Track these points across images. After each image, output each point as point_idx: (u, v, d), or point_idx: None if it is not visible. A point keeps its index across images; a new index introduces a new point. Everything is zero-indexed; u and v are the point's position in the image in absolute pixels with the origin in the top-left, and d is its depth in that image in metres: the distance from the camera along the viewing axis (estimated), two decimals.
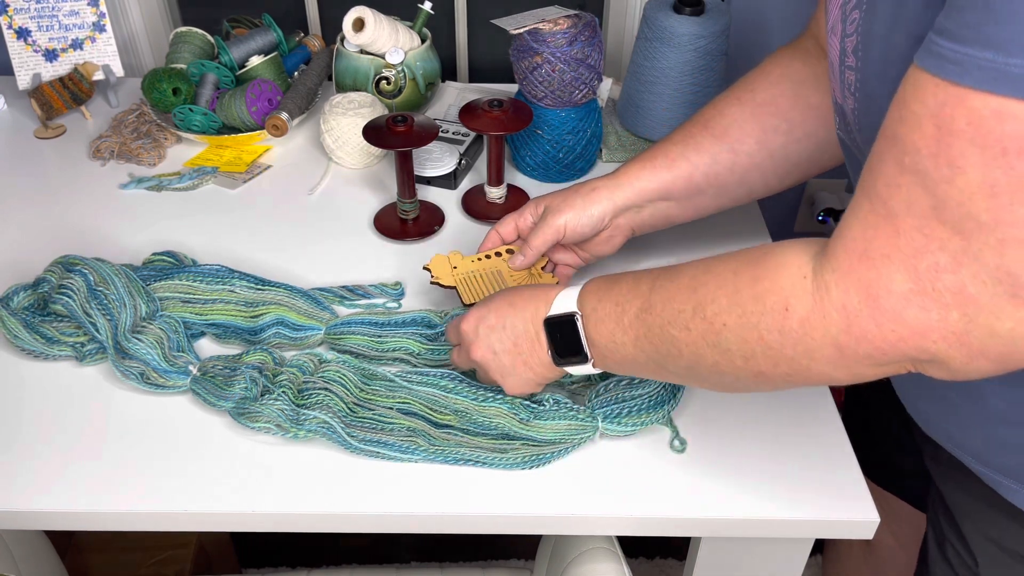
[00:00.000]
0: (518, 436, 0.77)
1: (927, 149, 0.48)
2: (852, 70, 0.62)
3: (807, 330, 0.56)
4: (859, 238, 0.53)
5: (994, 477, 0.71)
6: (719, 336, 0.61)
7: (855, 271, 0.53)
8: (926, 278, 0.50)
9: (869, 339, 0.53)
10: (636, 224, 0.89)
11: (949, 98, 0.47)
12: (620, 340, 0.68)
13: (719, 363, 0.62)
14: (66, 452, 0.78)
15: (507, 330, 0.74)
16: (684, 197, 0.87)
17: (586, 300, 0.71)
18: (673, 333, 0.64)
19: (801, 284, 0.56)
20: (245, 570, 1.58)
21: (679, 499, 0.74)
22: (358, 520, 0.74)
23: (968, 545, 0.77)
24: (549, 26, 1.03)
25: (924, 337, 0.52)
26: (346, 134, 1.12)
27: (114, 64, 1.26)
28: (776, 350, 0.58)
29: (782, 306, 0.57)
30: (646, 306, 0.66)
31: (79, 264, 0.89)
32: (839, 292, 0.54)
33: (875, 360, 0.54)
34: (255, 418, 0.78)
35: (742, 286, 0.60)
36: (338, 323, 0.88)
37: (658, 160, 0.86)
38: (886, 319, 0.52)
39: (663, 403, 0.78)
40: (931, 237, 0.49)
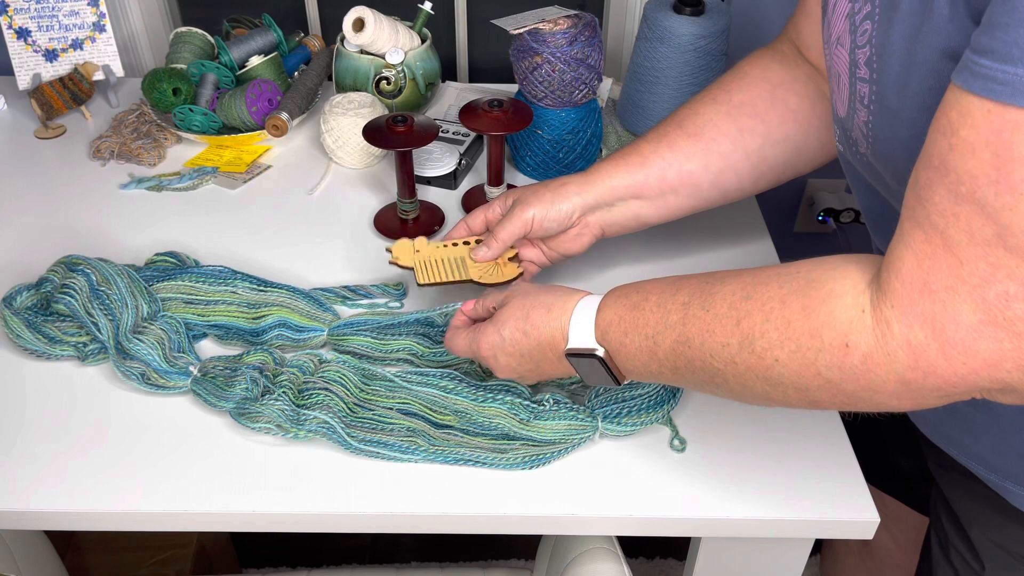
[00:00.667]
0: (518, 436, 0.77)
1: (985, 177, 0.47)
2: (866, 82, 0.60)
3: (870, 367, 0.53)
4: (916, 270, 0.51)
5: (1001, 483, 0.71)
6: (770, 371, 0.58)
7: (917, 305, 0.51)
8: (996, 308, 0.48)
9: (938, 373, 0.51)
10: (606, 223, 0.86)
11: (1005, 124, 0.45)
12: (656, 371, 0.66)
13: (769, 393, 0.60)
14: (66, 452, 0.78)
15: (526, 358, 0.72)
16: (656, 196, 0.84)
17: (609, 333, 0.67)
18: (716, 366, 0.61)
19: (860, 319, 0.54)
20: (245, 570, 1.59)
21: (679, 499, 0.74)
22: (358, 520, 0.74)
23: (975, 550, 0.77)
24: (549, 26, 1.03)
25: (998, 368, 0.50)
26: (346, 134, 1.12)
27: (114, 64, 1.26)
28: (835, 384, 0.56)
29: (841, 343, 0.54)
30: (682, 339, 0.62)
31: (82, 264, 0.89)
32: (902, 328, 0.52)
33: (944, 392, 0.53)
34: (255, 418, 0.78)
35: (793, 319, 0.56)
36: (341, 324, 0.87)
37: (631, 158, 0.84)
38: (956, 352, 0.50)
39: (663, 403, 0.78)
40: (997, 266, 0.48)
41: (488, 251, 0.86)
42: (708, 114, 0.83)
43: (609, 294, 0.69)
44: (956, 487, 0.79)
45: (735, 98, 0.83)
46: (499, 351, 0.72)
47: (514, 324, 0.72)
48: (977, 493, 0.74)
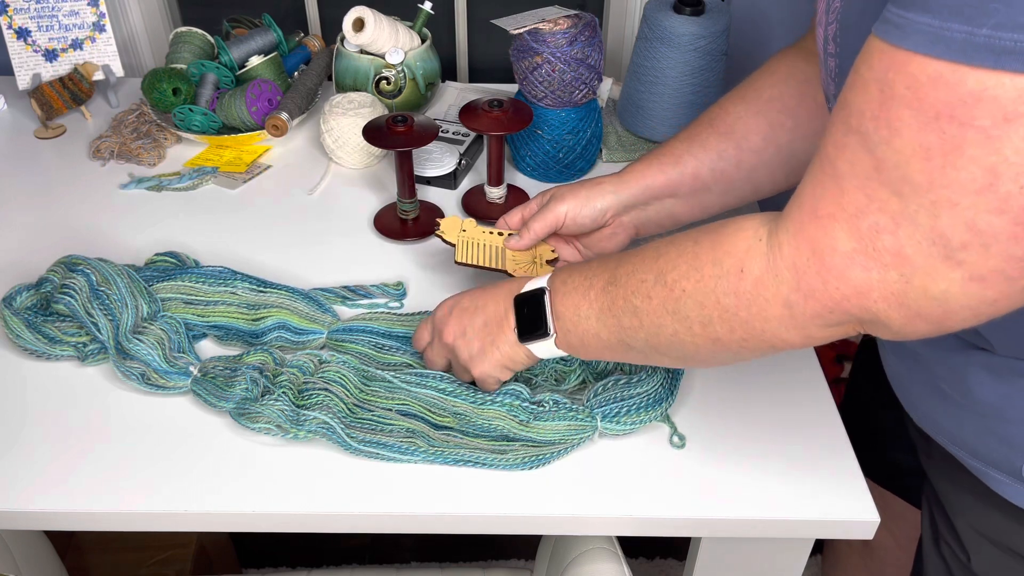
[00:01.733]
0: (518, 438, 0.77)
1: (870, 111, 0.50)
2: (833, 56, 0.63)
3: (760, 290, 0.57)
4: (809, 197, 0.55)
5: (983, 469, 0.71)
6: (678, 302, 0.62)
7: (805, 229, 0.55)
8: (867, 238, 0.51)
9: (816, 297, 0.55)
10: (641, 223, 0.89)
11: (893, 63, 0.48)
12: (585, 313, 0.70)
13: (678, 332, 0.63)
14: (66, 452, 0.78)
15: (478, 311, 0.76)
16: (690, 194, 0.86)
17: (557, 276, 0.73)
18: (635, 303, 0.65)
19: (756, 246, 0.58)
20: (245, 570, 1.59)
21: (679, 499, 0.74)
22: (358, 520, 0.74)
23: (960, 539, 0.77)
24: (549, 26, 1.03)
25: (866, 296, 0.53)
26: (346, 134, 1.12)
27: (114, 64, 1.26)
28: (731, 313, 0.59)
29: (737, 268, 0.58)
30: (612, 279, 0.68)
31: (82, 264, 0.89)
32: (790, 250, 0.55)
33: (824, 320, 0.56)
34: (255, 418, 0.78)
35: (701, 252, 0.62)
36: (340, 328, 0.87)
37: (664, 158, 0.86)
38: (831, 277, 0.53)
39: (660, 401, 0.79)
40: (872, 198, 0.51)
41: (520, 241, 0.89)
42: (738, 112, 0.85)
43: None
44: (944, 477, 0.79)
45: (764, 95, 0.85)
46: (455, 306, 0.78)
47: (478, 287, 0.79)
48: (963, 482, 0.75)
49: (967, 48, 0.45)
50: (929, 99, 0.47)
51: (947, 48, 0.45)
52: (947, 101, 0.46)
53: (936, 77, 0.46)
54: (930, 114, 0.47)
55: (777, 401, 0.82)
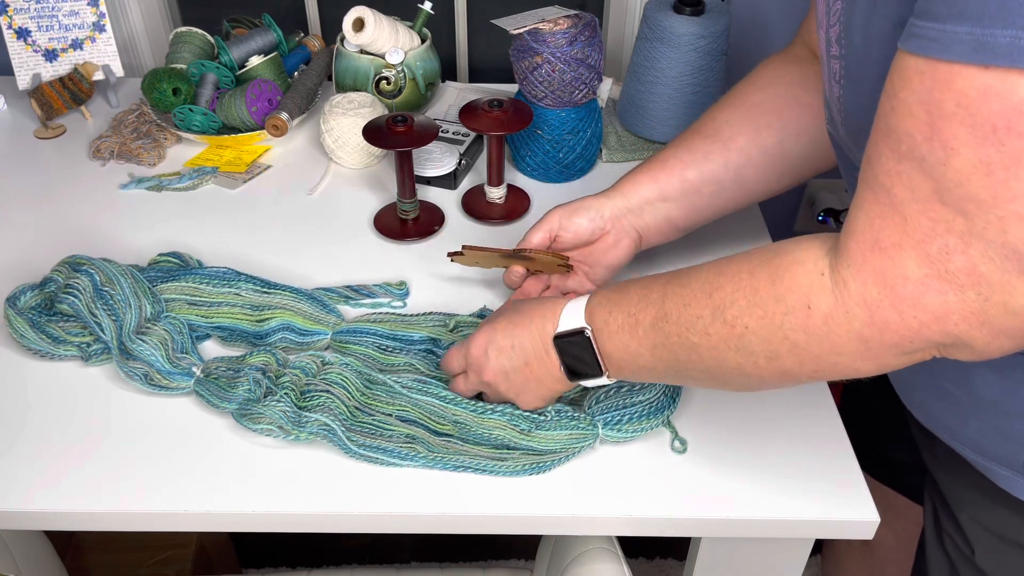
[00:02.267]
0: (518, 447, 0.77)
1: (921, 135, 0.49)
2: (837, 59, 0.63)
3: (831, 327, 0.56)
4: (867, 230, 0.54)
5: (987, 465, 0.72)
6: (741, 339, 0.61)
7: (869, 263, 0.53)
8: (938, 261, 0.51)
9: (893, 328, 0.53)
10: (641, 227, 0.88)
11: (936, 83, 0.48)
12: (636, 351, 0.68)
13: (742, 365, 0.62)
14: (67, 452, 0.78)
15: (516, 350, 0.74)
16: (681, 197, 0.86)
17: (595, 314, 0.70)
18: (692, 340, 0.63)
19: (819, 281, 0.56)
20: (245, 570, 1.59)
21: (679, 499, 0.74)
22: (358, 520, 0.74)
23: (964, 533, 0.78)
24: (549, 26, 1.03)
25: (945, 320, 0.52)
26: (346, 134, 1.12)
27: (114, 64, 1.26)
28: (802, 348, 0.58)
29: (804, 304, 0.57)
30: (661, 315, 0.65)
31: (86, 264, 0.89)
32: (857, 285, 0.54)
33: (901, 349, 0.55)
34: (257, 419, 0.78)
35: (760, 286, 0.60)
36: (344, 330, 0.87)
37: (652, 164, 0.87)
38: (906, 306, 0.52)
39: (662, 409, 0.78)
40: (937, 220, 0.50)
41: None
42: (724, 116, 0.86)
43: (598, 289, 0.74)
44: (947, 473, 0.79)
45: (750, 100, 0.85)
46: (491, 345, 0.75)
47: (507, 319, 0.75)
48: (967, 478, 0.75)
49: (1013, 52, 0.44)
50: (983, 113, 0.46)
51: (993, 54, 0.45)
52: (1001, 112, 0.45)
53: (986, 90, 0.46)
54: (986, 128, 0.46)
55: (777, 401, 0.82)
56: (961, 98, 0.47)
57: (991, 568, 0.76)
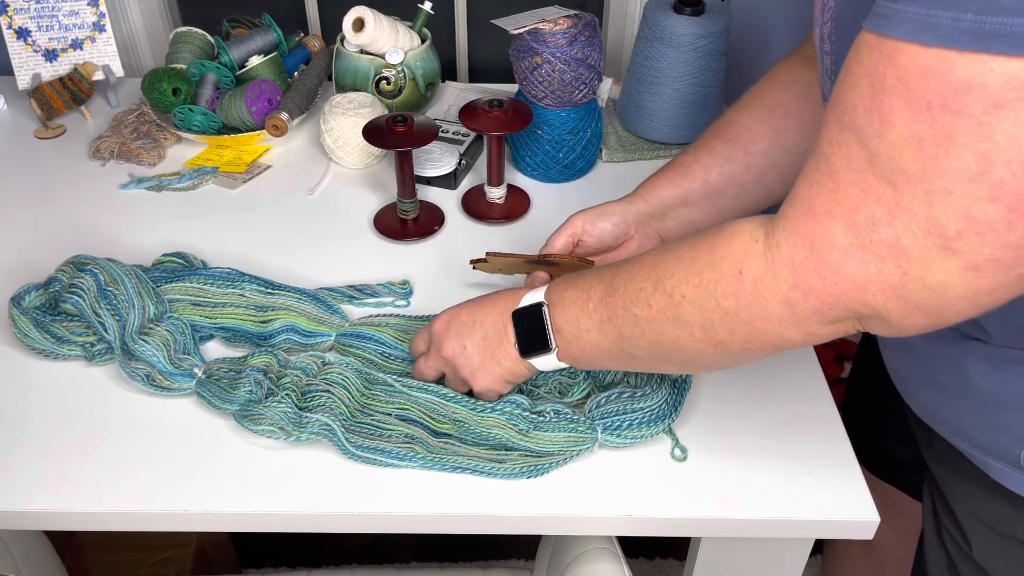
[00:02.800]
0: (517, 447, 0.77)
1: (863, 106, 0.50)
2: (828, 54, 0.64)
3: (760, 290, 0.57)
4: (806, 195, 0.55)
5: (983, 459, 0.72)
6: (679, 308, 0.62)
7: (802, 227, 0.55)
8: (864, 231, 0.52)
9: (816, 293, 0.55)
10: (663, 231, 0.89)
11: (882, 56, 0.49)
12: (585, 326, 0.70)
13: (679, 338, 0.64)
14: (68, 452, 0.78)
15: (477, 326, 0.76)
16: (704, 201, 0.87)
17: (553, 290, 0.73)
18: (635, 312, 0.65)
19: (754, 247, 0.58)
20: (245, 570, 1.59)
21: (679, 499, 0.74)
22: (358, 520, 0.74)
23: (962, 528, 0.78)
24: (549, 26, 1.03)
25: (864, 290, 0.53)
26: (346, 134, 1.12)
27: (114, 64, 1.26)
28: (732, 315, 0.60)
29: (736, 269, 0.59)
30: (609, 289, 0.68)
31: (90, 264, 0.89)
32: (788, 248, 0.56)
33: (824, 316, 0.56)
34: (258, 420, 0.78)
35: (698, 256, 0.62)
36: (348, 333, 0.87)
37: (672, 170, 0.88)
38: (829, 272, 0.54)
39: (664, 416, 0.78)
40: (867, 191, 0.51)
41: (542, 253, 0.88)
42: (742, 120, 0.86)
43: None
44: (944, 467, 0.80)
45: (767, 102, 0.86)
46: (453, 320, 0.77)
47: (475, 300, 0.78)
48: (963, 472, 0.75)
49: (953, 33, 0.45)
50: (920, 89, 0.47)
51: (934, 34, 0.46)
52: (937, 90, 0.46)
53: (926, 67, 0.47)
54: (921, 104, 0.47)
55: (777, 401, 0.82)
56: (901, 73, 0.48)
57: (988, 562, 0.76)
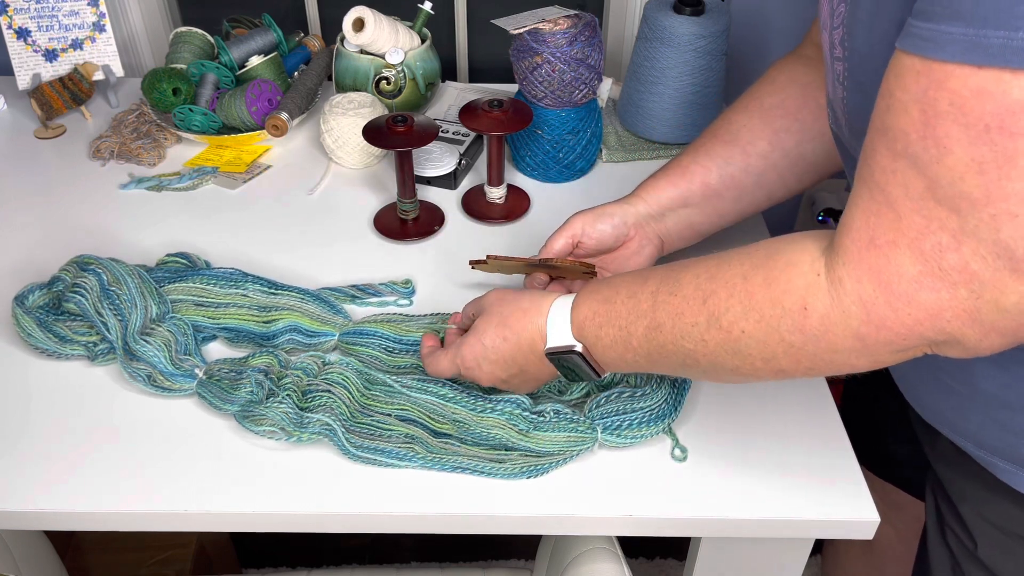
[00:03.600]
0: (516, 447, 0.77)
1: (915, 133, 0.50)
2: (840, 60, 0.63)
3: (828, 326, 0.56)
4: (863, 227, 0.54)
5: (989, 459, 0.72)
6: (738, 343, 0.61)
7: (865, 260, 0.54)
8: (932, 258, 0.51)
9: (888, 326, 0.54)
10: (663, 233, 0.89)
11: (931, 82, 0.48)
12: (632, 360, 0.68)
13: (739, 367, 0.62)
14: (68, 452, 0.78)
15: (509, 363, 0.74)
16: (703, 202, 0.87)
17: (585, 328, 0.70)
18: (688, 347, 0.64)
19: (816, 282, 0.56)
20: (245, 570, 1.59)
21: (679, 499, 0.74)
22: (358, 520, 0.74)
23: (967, 527, 0.78)
24: (549, 26, 1.03)
25: (938, 317, 0.52)
26: (346, 134, 1.12)
27: (114, 64, 1.26)
28: (798, 348, 0.58)
29: (800, 306, 0.57)
30: (654, 325, 0.65)
31: (93, 264, 0.89)
32: (853, 283, 0.54)
33: (896, 346, 0.55)
34: (259, 421, 0.78)
35: (755, 290, 0.59)
36: (351, 332, 0.87)
37: (671, 171, 0.87)
38: (901, 304, 0.53)
39: (664, 416, 0.78)
40: (930, 218, 0.50)
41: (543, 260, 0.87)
42: (741, 120, 0.86)
43: (582, 291, 0.72)
44: (949, 467, 0.80)
45: (766, 103, 0.86)
46: (482, 359, 0.75)
47: (494, 332, 0.74)
48: (969, 471, 0.75)
49: (1006, 53, 0.44)
50: (976, 112, 0.46)
51: (986, 55, 0.45)
52: (995, 112, 0.46)
53: (979, 90, 0.46)
54: (979, 128, 0.47)
55: (777, 401, 0.82)
56: (955, 97, 0.47)
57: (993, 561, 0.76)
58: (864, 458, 0.77)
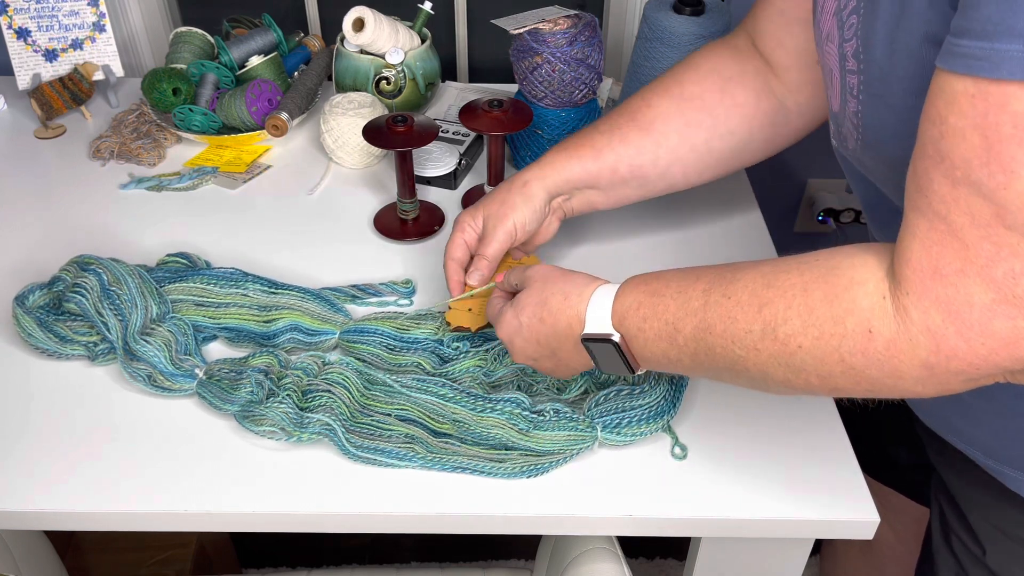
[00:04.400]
0: (516, 447, 0.77)
1: (977, 160, 0.48)
2: (854, 73, 0.62)
3: (893, 353, 0.54)
4: (925, 257, 0.52)
5: (1000, 468, 0.71)
6: (793, 357, 0.58)
7: (931, 291, 0.51)
8: (1005, 286, 0.49)
9: (960, 356, 0.52)
10: (567, 209, 0.90)
11: (989, 105, 0.46)
12: (676, 358, 0.66)
13: (791, 380, 0.60)
14: (68, 452, 0.78)
15: (542, 344, 0.73)
16: (608, 186, 0.88)
17: (627, 318, 0.67)
18: (738, 352, 0.61)
19: (882, 306, 0.54)
20: (245, 570, 1.59)
21: (679, 499, 0.74)
22: (358, 520, 0.74)
23: (975, 534, 0.78)
24: (549, 26, 1.03)
25: (1016, 346, 0.50)
26: (346, 134, 1.12)
27: (114, 64, 1.26)
28: (859, 371, 0.56)
29: (864, 329, 0.55)
30: (704, 326, 0.63)
31: (94, 264, 0.89)
32: (919, 314, 0.52)
33: (968, 375, 0.53)
34: (260, 421, 0.78)
35: (815, 306, 0.57)
36: (351, 330, 0.87)
37: (584, 150, 0.87)
38: (974, 334, 0.51)
39: (663, 413, 0.78)
40: (1001, 245, 0.48)
41: (482, 274, 0.86)
42: (660, 106, 0.86)
43: (627, 281, 0.70)
44: (956, 473, 0.79)
45: (687, 91, 0.86)
46: (516, 336, 0.74)
47: (532, 310, 0.73)
48: (976, 478, 0.75)
49: None
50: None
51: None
52: None
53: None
54: None
55: (777, 401, 0.82)
56: (1019, 119, 0.45)
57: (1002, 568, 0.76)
58: (863, 461, 0.77)
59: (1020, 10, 0.44)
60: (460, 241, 0.87)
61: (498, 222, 0.85)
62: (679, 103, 0.85)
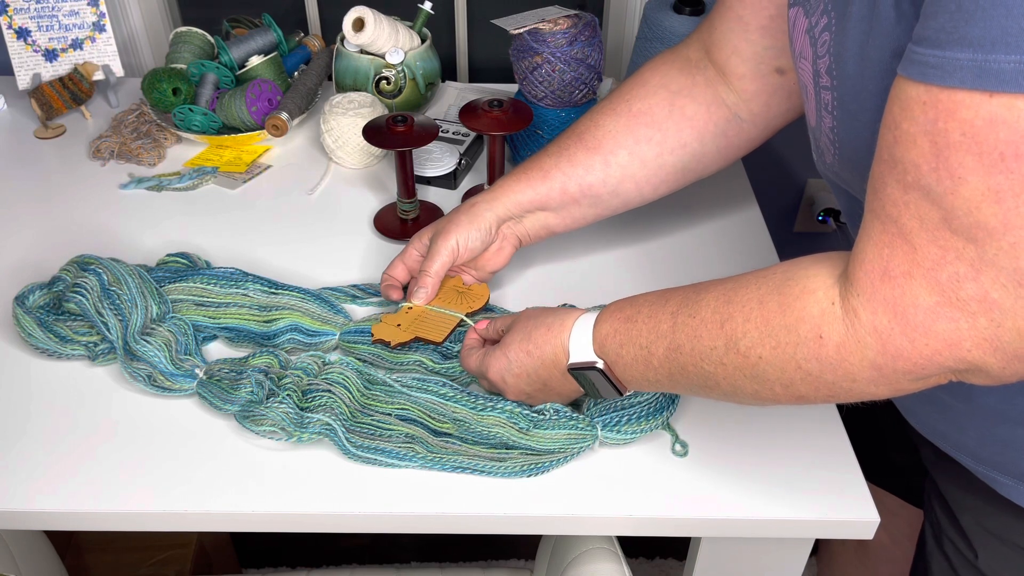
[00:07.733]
0: (517, 446, 0.77)
1: (927, 165, 0.49)
2: (828, 89, 0.63)
3: (844, 355, 0.55)
4: (876, 259, 0.53)
5: (989, 474, 0.72)
6: (756, 368, 0.60)
7: (879, 292, 0.53)
8: (949, 289, 0.50)
9: (905, 356, 0.53)
10: (521, 234, 0.90)
11: (939, 112, 0.47)
12: (654, 379, 0.69)
13: (759, 391, 0.62)
14: (69, 452, 0.78)
15: (533, 378, 0.75)
16: (559, 207, 0.88)
17: (606, 345, 0.70)
18: (707, 369, 0.63)
19: (831, 311, 0.56)
20: (245, 570, 1.59)
21: (679, 499, 0.74)
22: (358, 520, 0.74)
23: (967, 538, 0.78)
24: (549, 26, 1.03)
25: (957, 347, 0.52)
26: (346, 134, 1.12)
27: (114, 64, 1.26)
28: (816, 376, 0.58)
29: (815, 334, 0.56)
30: (673, 346, 0.65)
31: (94, 264, 0.89)
32: (868, 315, 0.54)
33: (914, 375, 0.54)
34: (260, 421, 0.77)
35: (770, 316, 0.59)
36: (352, 330, 0.87)
37: (532, 172, 0.88)
38: (918, 334, 0.52)
39: (662, 410, 0.78)
40: (947, 248, 0.49)
41: (424, 290, 0.87)
42: (608, 125, 0.86)
43: (605, 309, 0.72)
44: (948, 477, 0.79)
45: (634, 107, 0.86)
46: (506, 373, 0.76)
47: (518, 346, 0.75)
48: (969, 483, 0.75)
49: (1019, 77, 0.43)
50: (990, 141, 0.46)
51: (997, 80, 0.44)
52: (1009, 140, 0.45)
53: (992, 117, 0.45)
54: (994, 156, 0.46)
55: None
56: (966, 127, 0.46)
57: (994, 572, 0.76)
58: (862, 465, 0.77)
59: (972, 20, 0.44)
60: (399, 264, 0.90)
61: (441, 240, 0.87)
62: (627, 120, 0.86)
